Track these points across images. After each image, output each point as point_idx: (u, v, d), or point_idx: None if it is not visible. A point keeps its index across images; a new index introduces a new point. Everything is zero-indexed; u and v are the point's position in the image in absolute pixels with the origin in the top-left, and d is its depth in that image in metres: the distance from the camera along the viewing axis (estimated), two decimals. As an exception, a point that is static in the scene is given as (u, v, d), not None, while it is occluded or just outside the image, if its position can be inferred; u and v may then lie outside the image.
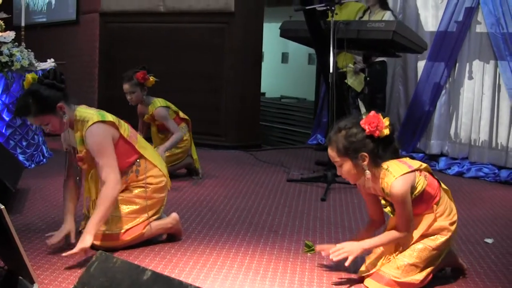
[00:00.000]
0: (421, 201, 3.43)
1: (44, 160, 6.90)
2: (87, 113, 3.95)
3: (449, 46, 7.46)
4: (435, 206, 3.48)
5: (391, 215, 3.51)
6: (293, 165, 7.38)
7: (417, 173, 3.42)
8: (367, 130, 3.34)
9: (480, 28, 7.27)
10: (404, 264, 3.43)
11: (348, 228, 4.76)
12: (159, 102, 6.19)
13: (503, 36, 6.91)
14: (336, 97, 6.26)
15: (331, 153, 3.46)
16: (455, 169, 7.30)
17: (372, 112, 3.37)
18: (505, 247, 4.43)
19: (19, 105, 3.88)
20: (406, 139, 7.87)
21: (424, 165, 3.53)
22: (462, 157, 7.43)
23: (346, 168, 3.44)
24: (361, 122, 3.36)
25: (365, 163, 3.39)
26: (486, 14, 7.10)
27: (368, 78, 7.01)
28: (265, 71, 9.20)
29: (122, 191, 4.07)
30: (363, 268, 3.62)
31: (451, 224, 3.53)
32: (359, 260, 3.70)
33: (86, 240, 3.67)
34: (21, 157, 6.47)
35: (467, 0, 7.27)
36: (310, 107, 11.06)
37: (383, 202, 3.54)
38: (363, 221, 4.94)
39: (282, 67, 15.06)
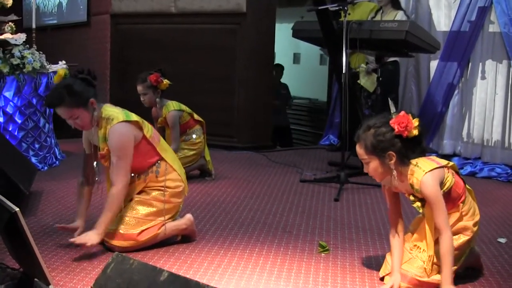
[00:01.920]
0: (448, 199, 3.41)
1: (57, 162, 6.90)
2: (113, 111, 4.01)
3: (462, 46, 7.43)
4: (461, 205, 3.48)
5: (420, 210, 3.49)
6: (306, 166, 7.38)
7: (445, 169, 3.42)
8: (396, 130, 3.33)
9: (493, 28, 7.24)
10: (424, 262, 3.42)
11: (361, 228, 4.75)
12: (173, 105, 6.19)
13: (516, 35, 6.90)
14: (349, 97, 6.25)
15: (359, 150, 3.48)
16: (468, 169, 7.27)
17: (402, 112, 3.37)
18: (519, 246, 4.42)
19: (52, 95, 3.94)
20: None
21: (451, 163, 3.53)
22: (474, 157, 7.40)
23: (373, 166, 3.46)
24: (390, 122, 3.37)
25: (392, 162, 3.40)
26: (499, 13, 7.07)
27: (380, 78, 6.99)
28: (277, 71, 9.19)
29: (139, 193, 4.10)
30: (385, 267, 3.61)
31: (474, 224, 3.52)
32: (381, 259, 3.70)
33: (92, 237, 3.82)
34: (34, 160, 6.48)
35: (480, 0, 7.24)
36: (322, 108, 11.06)
37: (411, 198, 3.51)
38: (376, 221, 4.94)
39: (294, 67, 15.04)
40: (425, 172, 3.33)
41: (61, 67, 6.84)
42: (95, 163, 4.16)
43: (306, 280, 3.59)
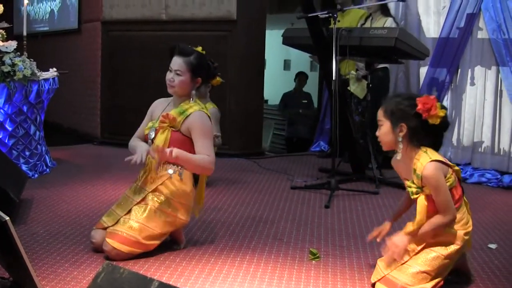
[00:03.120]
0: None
1: (48, 170, 6.88)
2: (204, 106, 4.28)
3: (451, 52, 7.46)
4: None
5: (413, 196, 3.56)
6: (297, 172, 7.39)
7: (450, 170, 3.48)
8: (418, 107, 3.41)
9: (481, 34, 7.27)
10: (416, 271, 3.44)
11: (352, 235, 4.76)
12: (213, 106, 6.28)
13: (505, 41, 6.92)
14: (339, 104, 6.27)
15: (379, 111, 3.59)
16: (458, 174, 7.29)
17: (433, 95, 3.47)
18: (509, 252, 4.43)
19: (187, 47, 4.33)
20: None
21: (457, 168, 3.59)
22: (465, 162, 7.42)
23: (384, 129, 3.57)
24: (417, 98, 3.44)
25: (401, 134, 3.48)
26: (487, 20, 7.11)
27: (370, 85, 7.01)
28: (267, 78, 9.20)
29: (144, 199, 4.11)
30: (376, 273, 3.63)
31: (466, 234, 3.56)
32: (372, 266, 3.71)
33: (171, 152, 3.91)
34: (24, 167, 6.46)
35: (468, 6, 7.28)
36: (313, 114, 11.07)
37: (407, 183, 3.59)
38: (367, 228, 4.94)
39: (284, 74, 15.07)
40: (431, 160, 3.41)
41: (51, 75, 6.84)
42: (151, 128, 4.26)
43: (297, 288, 3.61)
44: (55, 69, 7.00)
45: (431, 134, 3.48)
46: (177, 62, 4.20)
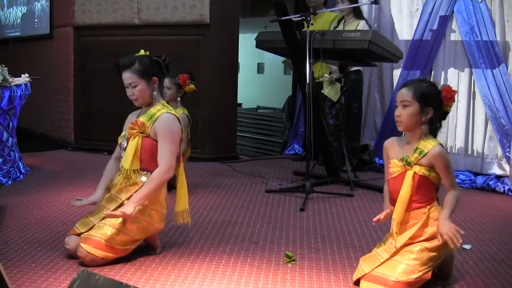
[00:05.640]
0: (431, 185, 3.67)
1: (21, 176, 6.82)
2: (172, 108, 4.30)
3: (424, 55, 7.50)
4: (429, 206, 3.65)
5: (393, 175, 3.73)
6: (271, 176, 7.39)
7: None
8: (443, 94, 3.60)
9: (454, 37, 7.32)
10: (405, 266, 3.51)
11: (327, 237, 4.76)
12: (186, 111, 6.28)
13: (477, 44, 6.97)
14: (313, 107, 6.27)
15: (406, 92, 3.65)
16: (432, 176, 7.31)
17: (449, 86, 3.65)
18: (483, 252, 4.46)
19: (125, 59, 4.27)
20: (383, 147, 7.89)
21: None
22: (438, 164, 7.45)
23: (410, 111, 3.63)
24: (441, 87, 3.65)
25: (427, 117, 3.62)
26: (460, 22, 7.15)
27: (344, 88, 7.02)
28: (241, 82, 9.19)
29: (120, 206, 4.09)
30: (359, 271, 3.67)
31: None
32: (347, 267, 3.71)
33: (129, 207, 3.95)
34: (-3, 174, 6.43)
35: (441, 9, 7.32)
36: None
37: (395, 161, 3.75)
38: (342, 230, 4.96)
39: (258, 77, 15.10)
40: (439, 143, 3.64)
41: (23, 80, 6.79)
42: (123, 137, 4.30)
43: (273, 291, 3.60)
44: (27, 74, 6.94)
45: (439, 121, 3.70)
46: (126, 76, 4.21)
